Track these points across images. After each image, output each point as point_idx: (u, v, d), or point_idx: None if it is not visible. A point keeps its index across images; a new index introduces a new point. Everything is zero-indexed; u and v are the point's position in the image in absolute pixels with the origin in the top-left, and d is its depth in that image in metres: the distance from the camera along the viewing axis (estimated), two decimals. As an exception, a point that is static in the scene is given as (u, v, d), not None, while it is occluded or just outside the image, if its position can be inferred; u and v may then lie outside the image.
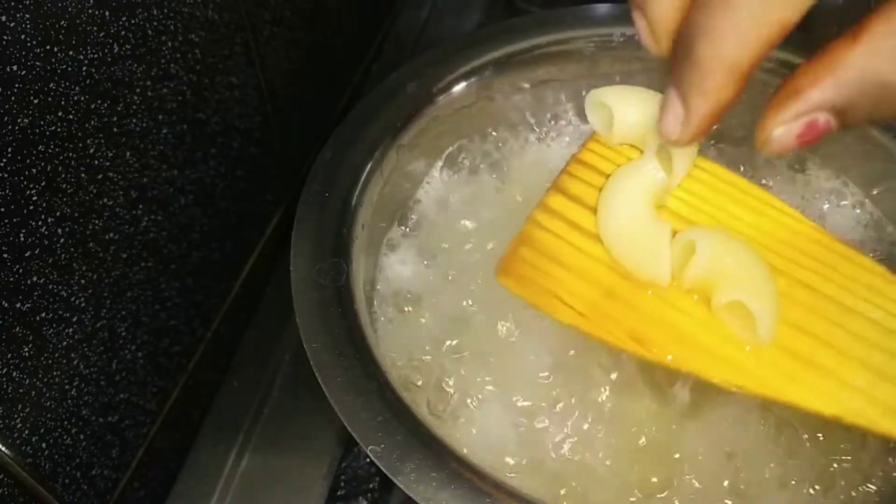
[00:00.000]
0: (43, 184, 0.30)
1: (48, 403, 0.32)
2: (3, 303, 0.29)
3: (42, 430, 0.32)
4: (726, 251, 0.32)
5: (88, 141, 0.32)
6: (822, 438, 0.35)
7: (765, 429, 0.35)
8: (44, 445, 0.32)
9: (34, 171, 0.29)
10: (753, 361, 0.32)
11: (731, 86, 0.25)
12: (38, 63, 0.29)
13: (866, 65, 0.24)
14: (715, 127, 0.27)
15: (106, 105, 0.33)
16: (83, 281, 0.33)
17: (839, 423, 0.31)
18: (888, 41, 0.24)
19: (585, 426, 0.35)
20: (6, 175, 0.28)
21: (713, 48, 0.24)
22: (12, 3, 0.27)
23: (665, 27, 0.26)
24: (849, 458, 0.34)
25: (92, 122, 0.32)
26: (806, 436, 0.35)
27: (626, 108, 0.36)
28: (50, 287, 0.31)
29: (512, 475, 0.34)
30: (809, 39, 0.47)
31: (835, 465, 0.34)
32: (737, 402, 0.36)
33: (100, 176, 0.33)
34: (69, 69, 0.30)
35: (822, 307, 0.33)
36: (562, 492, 0.34)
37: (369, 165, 0.40)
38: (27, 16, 0.28)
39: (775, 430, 0.35)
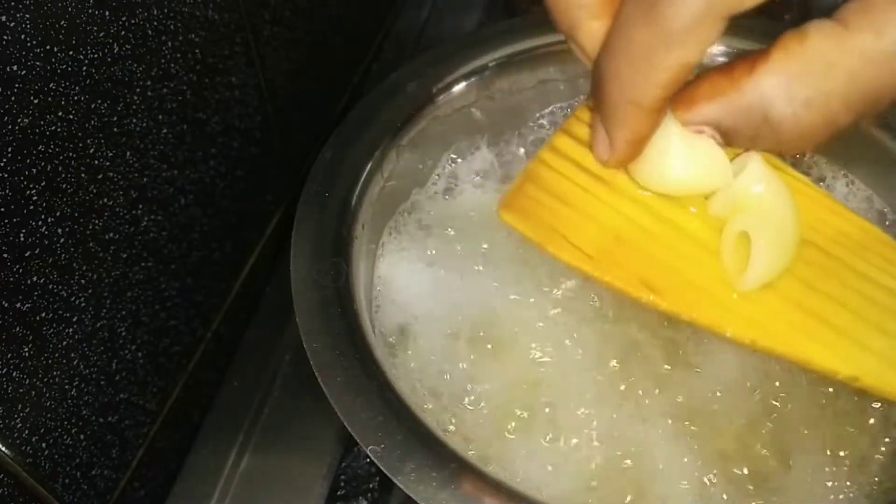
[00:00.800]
0: (43, 184, 0.30)
1: (48, 403, 0.32)
2: (3, 303, 0.29)
3: (42, 430, 0.32)
4: (769, 181, 0.31)
5: (88, 141, 0.32)
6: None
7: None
8: (44, 445, 0.32)
9: (34, 171, 0.29)
10: (769, 317, 0.31)
11: (643, 121, 0.26)
12: (38, 63, 0.29)
13: (755, 99, 0.25)
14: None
15: (106, 105, 0.33)
16: (83, 281, 0.33)
17: (854, 385, 0.30)
18: (780, 76, 0.25)
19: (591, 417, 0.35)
20: (6, 175, 0.28)
21: (619, 90, 0.26)
22: (12, 3, 0.27)
23: (594, 55, 0.27)
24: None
25: (92, 122, 0.32)
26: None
27: None
28: (50, 287, 0.31)
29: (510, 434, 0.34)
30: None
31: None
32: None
33: (100, 176, 0.33)
34: (69, 69, 0.30)
35: (837, 271, 0.32)
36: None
37: (369, 165, 0.40)
38: (27, 16, 0.28)
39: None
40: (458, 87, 0.44)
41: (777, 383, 0.35)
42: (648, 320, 0.36)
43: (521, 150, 0.46)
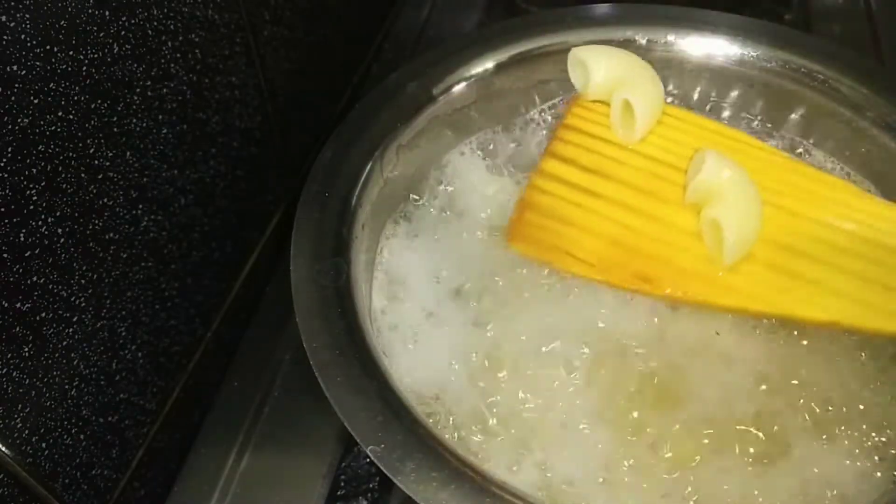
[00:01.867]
0: (43, 184, 0.30)
1: (48, 403, 0.32)
2: (3, 303, 0.29)
3: (42, 430, 0.32)
4: (727, 170, 0.36)
5: (88, 141, 0.32)
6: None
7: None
8: (44, 445, 0.32)
9: (34, 171, 0.29)
10: (753, 284, 0.35)
11: None
12: (38, 63, 0.29)
13: None
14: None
15: (106, 105, 0.33)
16: (83, 281, 0.33)
17: (836, 328, 0.34)
18: None
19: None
20: (6, 175, 0.28)
21: None
22: (12, 3, 0.27)
23: None
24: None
25: (92, 122, 0.32)
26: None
27: (598, 66, 0.41)
28: (50, 287, 0.31)
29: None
30: (811, 40, 0.47)
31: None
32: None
33: (100, 176, 0.33)
34: (69, 69, 0.30)
35: (803, 226, 0.37)
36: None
37: (369, 165, 0.40)
38: (27, 16, 0.28)
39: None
40: (458, 87, 0.44)
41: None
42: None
43: (521, 150, 0.46)
